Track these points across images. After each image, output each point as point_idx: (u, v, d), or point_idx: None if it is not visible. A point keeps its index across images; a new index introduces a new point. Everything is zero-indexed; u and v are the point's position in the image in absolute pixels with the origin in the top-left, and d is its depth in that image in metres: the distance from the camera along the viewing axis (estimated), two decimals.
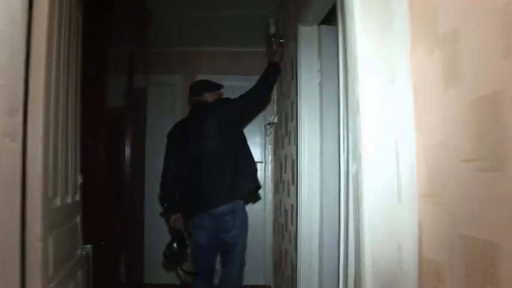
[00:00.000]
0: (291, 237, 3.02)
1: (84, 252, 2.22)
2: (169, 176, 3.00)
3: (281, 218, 3.53)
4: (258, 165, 4.55)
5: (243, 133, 3.08)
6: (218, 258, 3.10)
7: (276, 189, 3.92)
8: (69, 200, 1.75)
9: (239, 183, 2.80)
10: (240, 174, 2.82)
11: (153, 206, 4.32)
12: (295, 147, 2.80)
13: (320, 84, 2.77)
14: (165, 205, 3.08)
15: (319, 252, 2.63)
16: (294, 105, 2.92)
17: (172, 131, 3.12)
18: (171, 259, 2.94)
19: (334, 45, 2.89)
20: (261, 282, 4.57)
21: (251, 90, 3.04)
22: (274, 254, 4.05)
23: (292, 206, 2.97)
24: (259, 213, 4.58)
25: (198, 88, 3.12)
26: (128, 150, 2.87)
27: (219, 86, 3.18)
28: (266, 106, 3.84)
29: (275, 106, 3.89)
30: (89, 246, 2.29)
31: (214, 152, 2.83)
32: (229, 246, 2.86)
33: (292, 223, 2.96)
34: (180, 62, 4.78)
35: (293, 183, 2.93)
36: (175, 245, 2.88)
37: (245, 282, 4.17)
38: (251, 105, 3.14)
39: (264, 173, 4.63)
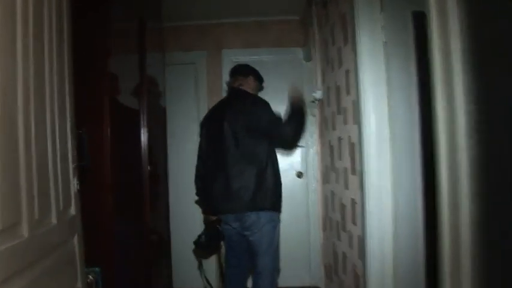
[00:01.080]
0: (352, 240, 2.42)
1: (89, 279, 1.69)
2: (200, 168, 2.87)
3: (335, 214, 2.92)
4: (299, 150, 3.99)
5: (270, 148, 2.69)
6: None
7: (326, 179, 3.30)
8: (52, 219, 1.19)
9: (257, 196, 2.56)
10: (259, 188, 2.56)
11: (179, 200, 3.79)
12: (356, 127, 2.18)
13: (386, 44, 2.12)
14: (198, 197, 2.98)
15: (393, 265, 2.02)
16: (351, 74, 2.28)
17: (203, 119, 2.96)
18: (198, 249, 2.88)
19: None
20: (305, 283, 4.01)
21: (283, 127, 2.60)
22: (326, 254, 3.46)
23: (352, 201, 2.36)
24: (301, 204, 4.00)
25: (243, 70, 2.91)
26: (143, 140, 2.30)
27: (263, 81, 3.00)
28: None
29: (319, 79, 3.25)
30: (96, 269, 1.77)
31: (236, 152, 2.60)
32: (253, 245, 2.65)
33: (354, 223, 2.35)
34: (200, 37, 4.19)
35: (354, 173, 2.31)
36: (203, 236, 2.82)
37: (287, 284, 3.78)
38: (272, 136, 2.64)
39: (306, 158, 4.01)
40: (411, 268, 2.02)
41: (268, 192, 2.58)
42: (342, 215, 2.67)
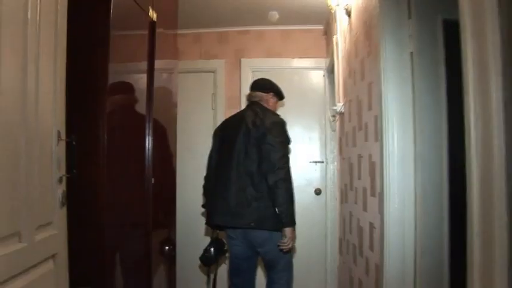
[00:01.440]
0: (369, 267, 2.22)
1: None
2: (208, 179, 2.80)
3: (352, 237, 2.72)
4: (318, 165, 3.80)
5: None
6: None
7: (344, 198, 3.10)
8: (22, 240, 1.06)
9: (259, 214, 2.45)
10: (258, 206, 2.46)
11: (186, 212, 3.62)
12: (378, 145, 1.98)
13: (412, 55, 1.94)
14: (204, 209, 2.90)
15: None
16: (374, 87, 2.10)
17: (217, 129, 2.91)
18: (206, 264, 2.87)
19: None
20: None
21: (284, 169, 2.43)
22: (341, 277, 3.25)
23: (371, 224, 2.16)
24: (319, 223, 3.81)
25: (264, 85, 2.84)
26: (148, 150, 2.16)
27: (283, 98, 2.93)
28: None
29: (341, 92, 3.07)
30: None
31: (243, 166, 2.52)
32: (269, 262, 2.64)
33: (371, 249, 2.15)
34: (220, 45, 4.09)
35: (373, 194, 2.12)
36: (212, 250, 2.78)
37: None
38: (266, 163, 2.45)
39: (326, 175, 3.82)
40: None
41: (269, 212, 2.43)
42: (359, 238, 2.47)
